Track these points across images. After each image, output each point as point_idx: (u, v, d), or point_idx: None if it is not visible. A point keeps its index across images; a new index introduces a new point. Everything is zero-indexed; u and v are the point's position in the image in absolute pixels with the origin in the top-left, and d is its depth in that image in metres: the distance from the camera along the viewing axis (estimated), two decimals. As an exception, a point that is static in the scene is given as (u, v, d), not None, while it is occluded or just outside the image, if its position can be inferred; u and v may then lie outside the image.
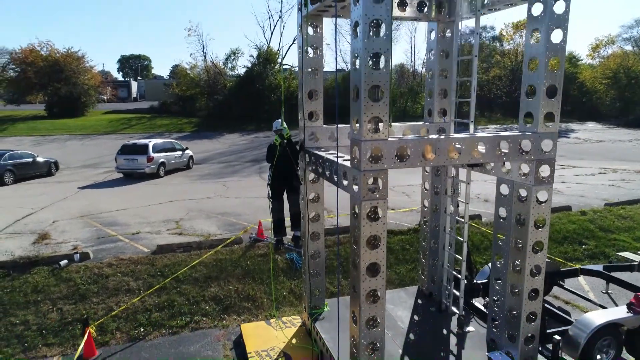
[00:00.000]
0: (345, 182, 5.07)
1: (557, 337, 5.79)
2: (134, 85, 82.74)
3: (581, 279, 9.10)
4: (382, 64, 4.42)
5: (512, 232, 5.55)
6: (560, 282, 8.09)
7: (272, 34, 52.20)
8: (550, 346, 6.04)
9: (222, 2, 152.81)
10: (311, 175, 6.73)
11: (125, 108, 52.97)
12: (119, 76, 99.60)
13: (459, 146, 4.87)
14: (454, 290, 6.91)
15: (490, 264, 6.24)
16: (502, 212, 5.79)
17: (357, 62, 4.47)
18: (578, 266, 8.49)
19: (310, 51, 6.42)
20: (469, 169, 6.20)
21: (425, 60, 6.74)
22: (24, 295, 7.78)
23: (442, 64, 6.81)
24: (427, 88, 7.11)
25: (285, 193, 6.79)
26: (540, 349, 5.96)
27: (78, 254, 8.92)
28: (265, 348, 6.68)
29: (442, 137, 4.91)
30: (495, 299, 6.05)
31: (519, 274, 5.54)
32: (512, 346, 5.72)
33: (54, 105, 45.46)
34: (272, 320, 7.51)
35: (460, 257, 6.58)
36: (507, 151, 5.04)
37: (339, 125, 6.12)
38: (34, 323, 7.27)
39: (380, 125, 4.51)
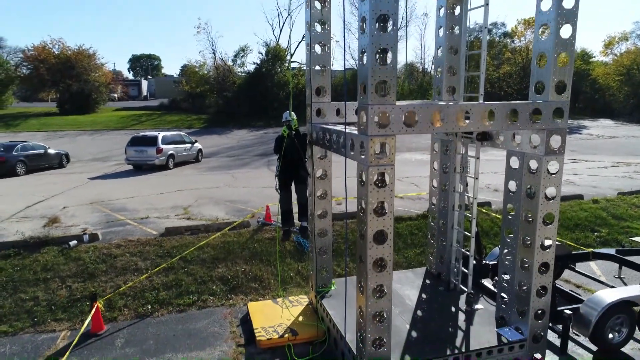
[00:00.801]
0: (352, 152, 5.03)
1: (568, 311, 5.70)
2: (144, 84, 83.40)
3: (593, 264, 8.95)
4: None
5: (522, 205, 5.47)
6: (572, 266, 7.96)
7: (281, 31, 51.99)
8: (561, 327, 5.97)
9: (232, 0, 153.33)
10: (318, 152, 6.71)
11: (135, 106, 53.42)
12: (130, 75, 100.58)
13: (468, 113, 4.81)
14: (463, 268, 6.84)
15: (499, 246, 6.15)
16: (512, 185, 5.70)
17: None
18: (590, 250, 8.34)
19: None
20: (478, 143, 6.11)
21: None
22: (33, 273, 7.85)
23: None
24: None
25: (293, 184, 6.77)
26: (551, 325, 5.87)
27: (87, 235, 8.98)
28: (271, 324, 6.66)
29: (451, 103, 4.85)
30: (504, 276, 5.97)
31: (529, 247, 5.45)
32: (522, 321, 5.63)
33: (66, 102, 46.00)
34: (279, 299, 7.49)
35: (470, 234, 6.50)
36: (517, 119, 4.97)
37: (347, 103, 6.12)
38: (43, 299, 7.33)
39: (388, 90, 4.47)
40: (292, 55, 46.28)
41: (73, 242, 8.73)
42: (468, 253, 6.54)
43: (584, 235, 10.31)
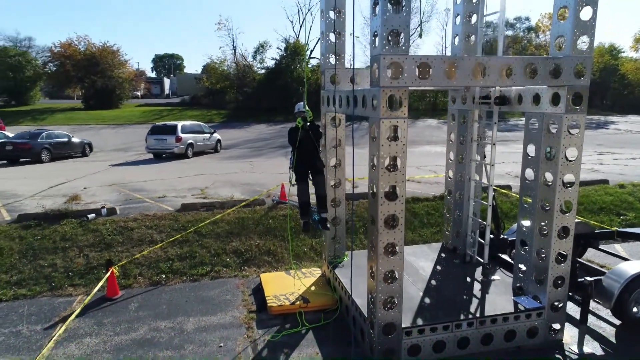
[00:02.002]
0: (364, 109, 4.95)
1: (588, 278, 5.48)
2: (167, 83, 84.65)
3: (618, 246, 8.63)
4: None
5: (541, 168, 5.28)
6: (595, 245, 7.66)
7: (300, 27, 52.13)
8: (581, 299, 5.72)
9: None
10: (331, 120, 6.66)
11: (157, 102, 54.34)
12: (153, 75, 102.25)
13: (485, 66, 4.66)
14: (479, 239, 6.66)
15: (518, 216, 5.95)
16: (531, 150, 5.49)
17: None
18: (615, 228, 8.03)
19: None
20: (496, 108, 5.94)
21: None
22: (52, 242, 8.01)
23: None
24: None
25: (310, 176, 6.69)
26: (570, 295, 5.65)
27: (105, 209, 9.12)
28: (283, 293, 6.62)
29: (466, 55, 4.72)
30: (522, 245, 5.75)
31: (547, 212, 5.26)
32: (540, 289, 5.44)
33: (91, 97, 47.02)
34: (291, 271, 7.45)
35: (486, 203, 6.33)
36: (536, 76, 4.79)
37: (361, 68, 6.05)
38: (61, 266, 7.47)
39: (401, 41, 4.37)
40: (311, 52, 46.07)
41: (91, 215, 8.88)
42: (485, 223, 6.38)
43: (608, 218, 9.96)
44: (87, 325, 5.96)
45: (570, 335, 5.59)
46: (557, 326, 5.49)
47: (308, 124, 6.42)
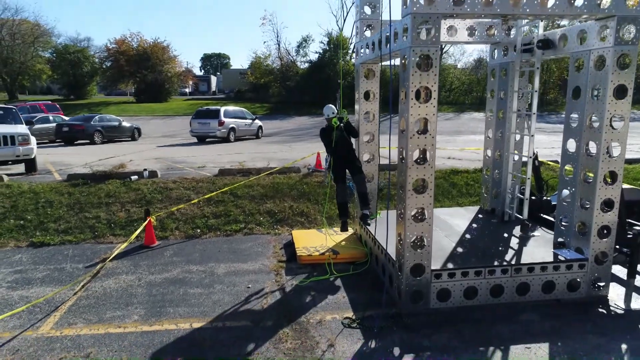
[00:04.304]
0: (395, 43, 4.84)
1: (638, 227, 5.08)
2: (214, 80, 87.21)
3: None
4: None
5: (587, 108, 4.94)
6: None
7: (344, 21, 52.17)
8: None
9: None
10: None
11: (204, 98, 56.10)
12: (201, 73, 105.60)
13: (524, -6, 4.42)
14: (519, 194, 6.35)
15: (560, 161, 5.61)
16: (576, 92, 5.16)
17: None
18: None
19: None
20: (539, 52, 5.64)
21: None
22: (97, 198, 8.41)
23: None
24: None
25: (349, 175, 6.75)
26: (617, 247, 5.25)
27: (147, 172, 9.48)
28: (314, 245, 6.61)
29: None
30: (565, 191, 5.39)
31: (592, 157, 4.92)
32: (583, 240, 5.10)
33: (142, 92, 49.28)
34: (323, 229, 7.42)
35: (527, 157, 6.02)
36: (583, 2, 4.49)
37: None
38: (104, 218, 7.83)
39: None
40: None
41: (134, 177, 9.26)
42: (526, 177, 6.05)
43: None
44: (124, 266, 6.21)
45: (616, 293, 5.21)
46: (601, 283, 5.13)
47: (343, 124, 6.51)
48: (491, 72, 6.89)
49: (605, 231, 5.00)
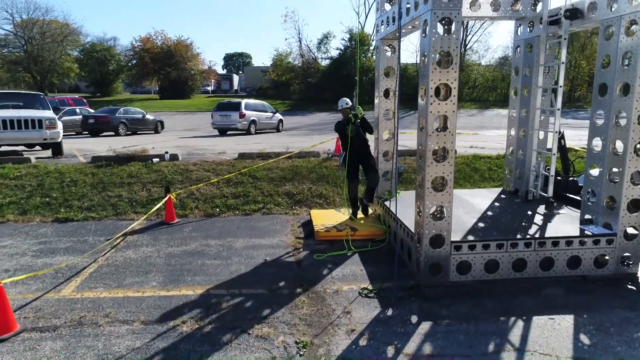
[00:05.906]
0: (416, 11, 4.75)
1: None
2: (236, 79, 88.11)
3: None
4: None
5: (617, 79, 4.75)
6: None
7: (366, 17, 51.99)
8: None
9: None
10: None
11: (226, 95, 56.78)
12: (224, 72, 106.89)
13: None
14: (544, 172, 6.16)
15: (588, 134, 5.41)
16: (605, 62, 4.97)
17: None
18: None
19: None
20: (566, 22, 5.45)
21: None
22: (120, 178, 8.55)
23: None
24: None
25: (363, 171, 6.77)
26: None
27: (168, 154, 9.61)
28: (332, 223, 6.56)
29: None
30: (592, 171, 5.22)
31: (622, 128, 4.72)
32: (611, 215, 4.91)
33: (165, 89, 50.16)
34: (342, 209, 7.37)
35: (553, 131, 5.83)
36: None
37: None
38: (126, 197, 7.96)
39: None
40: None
41: (155, 160, 9.40)
42: (552, 153, 5.86)
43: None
44: (144, 239, 6.29)
45: (647, 271, 4.99)
46: (631, 258, 4.92)
47: (359, 120, 6.51)
48: (516, 49, 6.71)
49: (634, 200, 4.79)
